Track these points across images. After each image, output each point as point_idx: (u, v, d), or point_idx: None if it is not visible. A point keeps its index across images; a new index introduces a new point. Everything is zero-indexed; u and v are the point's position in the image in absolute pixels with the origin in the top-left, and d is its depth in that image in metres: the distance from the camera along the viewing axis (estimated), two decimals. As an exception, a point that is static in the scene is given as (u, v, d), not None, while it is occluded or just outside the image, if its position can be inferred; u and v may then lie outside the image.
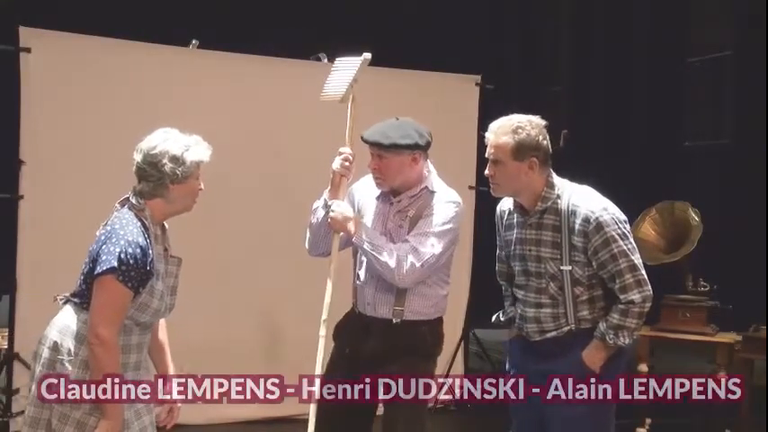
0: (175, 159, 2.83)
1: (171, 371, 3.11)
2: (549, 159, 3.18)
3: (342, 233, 3.36)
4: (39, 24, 5.26)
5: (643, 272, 3.12)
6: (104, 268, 2.72)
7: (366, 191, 3.49)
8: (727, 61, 8.03)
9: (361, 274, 3.41)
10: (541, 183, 3.15)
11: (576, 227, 3.09)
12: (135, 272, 2.74)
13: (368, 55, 3.38)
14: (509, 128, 3.11)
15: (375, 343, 3.35)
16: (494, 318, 3.46)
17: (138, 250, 2.75)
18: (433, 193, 3.37)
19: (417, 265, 3.23)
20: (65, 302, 2.89)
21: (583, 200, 3.13)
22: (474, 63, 6.70)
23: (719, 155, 7.81)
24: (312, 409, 3.31)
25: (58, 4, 6.35)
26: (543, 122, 3.18)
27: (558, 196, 3.15)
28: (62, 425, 2.78)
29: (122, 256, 2.72)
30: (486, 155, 3.17)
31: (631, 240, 3.13)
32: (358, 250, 3.41)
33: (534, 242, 3.18)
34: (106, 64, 5.37)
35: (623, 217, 3.16)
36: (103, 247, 2.76)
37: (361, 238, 3.28)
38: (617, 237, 3.07)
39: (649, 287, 3.13)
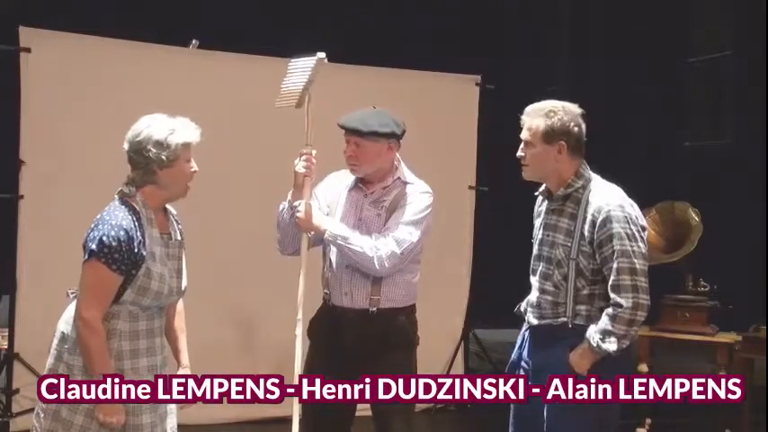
0: (159, 144, 2.82)
1: (185, 359, 3.11)
2: (581, 148, 3.21)
3: (311, 232, 3.39)
4: (39, 24, 5.26)
5: (643, 279, 3.05)
6: (87, 253, 2.78)
7: (333, 187, 3.52)
8: (727, 61, 8.03)
9: (335, 264, 3.42)
10: (570, 170, 3.18)
11: (588, 217, 3.09)
12: (119, 254, 2.76)
13: (322, 54, 3.34)
14: (542, 111, 3.18)
15: (352, 338, 3.35)
16: (515, 308, 3.40)
17: (122, 233, 2.76)
18: (405, 183, 3.45)
19: (398, 252, 3.29)
20: (75, 296, 2.92)
21: (602, 193, 3.14)
22: (474, 63, 6.70)
23: (719, 155, 7.80)
24: (295, 409, 3.31)
25: (57, 4, 6.35)
26: (580, 111, 3.23)
27: (583, 187, 3.17)
28: (72, 414, 2.81)
29: (104, 239, 2.75)
30: (522, 135, 3.21)
31: (641, 245, 3.07)
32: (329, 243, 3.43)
33: (552, 227, 3.20)
34: (106, 64, 5.37)
35: (641, 222, 3.13)
36: (90, 234, 2.80)
37: (333, 234, 3.32)
38: (624, 235, 3.04)
39: (646, 297, 3.05)
